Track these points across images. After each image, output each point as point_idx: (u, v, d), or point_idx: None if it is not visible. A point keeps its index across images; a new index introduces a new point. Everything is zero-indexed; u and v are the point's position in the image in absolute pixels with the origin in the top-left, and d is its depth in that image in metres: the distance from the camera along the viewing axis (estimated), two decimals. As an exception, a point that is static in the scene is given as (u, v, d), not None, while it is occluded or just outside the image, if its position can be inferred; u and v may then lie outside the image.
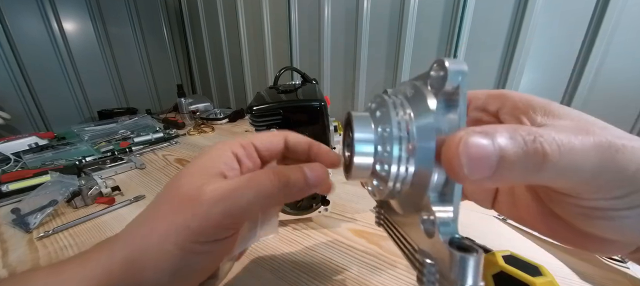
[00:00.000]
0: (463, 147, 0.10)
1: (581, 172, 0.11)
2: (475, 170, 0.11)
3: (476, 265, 0.11)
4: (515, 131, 0.11)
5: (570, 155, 0.11)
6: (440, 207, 0.12)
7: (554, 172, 0.11)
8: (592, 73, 0.55)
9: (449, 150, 0.11)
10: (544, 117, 0.13)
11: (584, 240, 0.15)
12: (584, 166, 0.11)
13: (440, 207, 0.12)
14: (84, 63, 1.07)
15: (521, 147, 0.11)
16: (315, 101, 0.35)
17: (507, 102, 0.15)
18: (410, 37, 0.72)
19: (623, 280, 0.29)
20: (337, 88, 0.92)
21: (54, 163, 0.62)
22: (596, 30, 0.53)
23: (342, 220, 0.41)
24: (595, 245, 0.14)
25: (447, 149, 0.11)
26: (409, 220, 0.14)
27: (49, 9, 0.95)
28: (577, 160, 0.11)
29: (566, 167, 0.11)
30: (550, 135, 0.11)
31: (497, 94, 0.16)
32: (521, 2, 0.58)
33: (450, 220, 0.12)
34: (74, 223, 0.42)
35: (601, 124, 0.12)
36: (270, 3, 0.96)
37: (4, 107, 0.89)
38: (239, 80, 1.19)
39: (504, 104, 0.15)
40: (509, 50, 0.62)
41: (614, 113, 0.56)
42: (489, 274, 0.26)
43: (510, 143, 0.11)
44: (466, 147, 0.10)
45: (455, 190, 0.12)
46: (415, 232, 0.14)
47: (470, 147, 0.10)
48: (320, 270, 0.32)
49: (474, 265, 0.10)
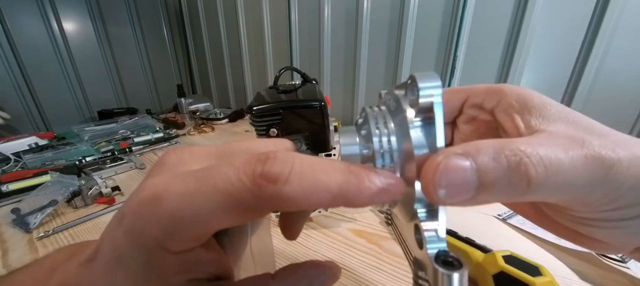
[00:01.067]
0: (440, 172, 0.10)
1: (571, 188, 0.11)
2: (454, 195, 0.10)
3: (460, 282, 0.10)
4: (499, 152, 0.10)
5: (558, 175, 0.10)
6: (428, 221, 0.12)
7: (540, 193, 0.11)
8: (592, 73, 0.55)
9: (426, 176, 0.10)
10: (538, 120, 0.13)
11: (582, 239, 0.14)
12: (574, 182, 0.10)
13: (428, 221, 0.12)
14: (84, 63, 1.07)
15: (504, 170, 0.10)
16: (315, 101, 0.35)
17: (503, 100, 0.14)
18: (410, 37, 0.72)
19: (623, 280, 0.29)
20: (337, 88, 0.92)
21: (54, 163, 0.62)
22: (596, 30, 0.53)
23: (342, 220, 0.41)
24: (592, 245, 0.14)
25: (424, 174, 0.11)
26: (407, 228, 0.14)
27: (49, 9, 0.95)
28: (567, 178, 0.10)
29: (553, 186, 0.10)
30: (538, 154, 0.10)
31: (496, 90, 0.15)
32: (521, 2, 0.58)
33: (436, 236, 0.12)
34: (74, 223, 0.42)
35: (599, 130, 0.12)
36: (270, 3, 0.96)
37: (4, 107, 0.89)
38: (239, 80, 1.19)
39: (500, 102, 0.15)
40: (509, 50, 0.62)
41: (614, 113, 0.56)
42: (489, 274, 0.26)
43: (491, 166, 0.10)
44: (445, 171, 0.10)
45: (439, 208, 0.12)
46: (411, 240, 0.14)
47: (449, 171, 0.10)
48: (320, 270, 0.32)
49: (458, 282, 0.10)
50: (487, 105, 0.15)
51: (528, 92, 0.14)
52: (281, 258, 0.34)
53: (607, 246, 0.14)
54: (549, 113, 0.13)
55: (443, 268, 0.10)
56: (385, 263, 0.33)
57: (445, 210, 0.12)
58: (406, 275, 0.31)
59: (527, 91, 0.14)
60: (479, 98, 0.16)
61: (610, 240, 0.13)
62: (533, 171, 0.10)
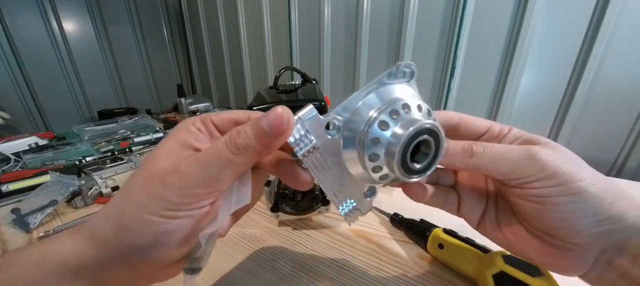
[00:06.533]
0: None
1: (505, 162, 0.18)
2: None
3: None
4: (458, 143, 0.20)
5: (492, 148, 0.18)
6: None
7: (479, 161, 0.18)
8: (592, 73, 0.55)
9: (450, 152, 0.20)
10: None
11: (553, 253, 0.18)
12: (508, 158, 0.18)
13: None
14: (84, 63, 1.07)
15: (460, 146, 0.19)
16: (315, 101, 0.35)
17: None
18: (411, 37, 0.72)
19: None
20: (337, 88, 0.92)
21: (54, 163, 0.62)
22: (596, 30, 0.53)
23: (342, 220, 0.40)
24: (562, 258, 0.18)
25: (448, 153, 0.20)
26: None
27: (49, 9, 0.95)
28: (499, 155, 0.18)
29: (490, 156, 0.18)
30: (482, 144, 0.19)
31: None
32: (521, 2, 0.58)
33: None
34: (74, 223, 0.42)
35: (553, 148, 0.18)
36: (270, 3, 0.96)
37: (4, 107, 0.89)
38: (239, 80, 1.19)
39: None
40: (509, 50, 0.62)
41: (613, 114, 0.56)
42: (489, 274, 0.26)
43: (452, 145, 0.19)
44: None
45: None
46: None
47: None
48: (320, 270, 0.32)
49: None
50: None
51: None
52: (282, 258, 0.34)
53: (573, 256, 0.18)
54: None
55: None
56: (385, 263, 0.33)
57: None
58: (406, 275, 0.31)
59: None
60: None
61: (567, 226, 0.17)
62: (475, 148, 0.19)
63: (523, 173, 0.17)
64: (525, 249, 0.20)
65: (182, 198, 0.16)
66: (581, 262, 0.18)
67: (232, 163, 0.16)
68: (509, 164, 0.18)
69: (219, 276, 0.32)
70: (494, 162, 0.18)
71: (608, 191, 0.16)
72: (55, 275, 0.16)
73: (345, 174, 0.19)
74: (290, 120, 0.16)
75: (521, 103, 0.64)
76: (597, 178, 0.17)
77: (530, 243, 0.19)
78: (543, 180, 0.17)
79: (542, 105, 0.63)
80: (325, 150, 0.18)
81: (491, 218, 0.22)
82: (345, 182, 0.20)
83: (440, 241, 0.31)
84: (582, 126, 0.59)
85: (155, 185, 0.16)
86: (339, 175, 0.19)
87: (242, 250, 0.35)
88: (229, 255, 0.35)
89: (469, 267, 0.29)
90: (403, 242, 0.36)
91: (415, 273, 0.31)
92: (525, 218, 0.20)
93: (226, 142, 0.16)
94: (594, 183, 0.16)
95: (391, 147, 0.17)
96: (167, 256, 0.17)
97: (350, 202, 0.21)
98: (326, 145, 0.18)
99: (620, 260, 0.17)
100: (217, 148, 0.16)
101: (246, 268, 0.33)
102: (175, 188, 0.16)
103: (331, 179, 0.19)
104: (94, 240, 0.16)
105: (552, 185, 0.17)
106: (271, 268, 0.33)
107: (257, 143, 0.16)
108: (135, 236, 0.16)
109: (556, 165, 0.17)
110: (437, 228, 0.33)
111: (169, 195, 0.16)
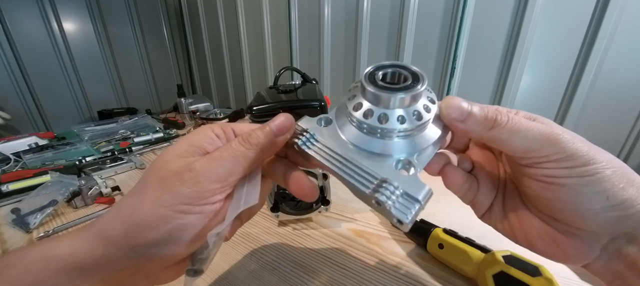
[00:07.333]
0: (449, 100, 0.19)
1: (523, 139, 0.17)
2: (453, 112, 0.18)
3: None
4: (484, 106, 0.18)
5: (516, 124, 0.17)
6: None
7: (501, 133, 0.17)
8: (592, 73, 0.55)
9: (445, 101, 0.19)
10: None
11: (558, 240, 0.18)
12: (527, 136, 0.17)
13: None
14: (84, 63, 1.07)
15: (485, 112, 0.18)
16: (315, 101, 0.35)
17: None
18: (411, 37, 0.72)
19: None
20: (337, 88, 0.93)
21: (54, 163, 0.62)
22: (596, 30, 0.53)
23: (342, 220, 0.41)
24: (567, 246, 0.17)
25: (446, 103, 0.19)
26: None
27: (49, 9, 0.95)
28: (521, 129, 0.17)
29: (511, 131, 0.17)
30: (507, 114, 0.18)
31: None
32: (521, 2, 0.58)
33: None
34: (74, 223, 0.42)
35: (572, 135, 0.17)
36: (270, 3, 0.96)
37: (4, 107, 0.89)
38: (239, 80, 1.19)
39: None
40: (509, 50, 0.62)
41: (613, 113, 0.56)
42: (489, 274, 0.26)
43: (477, 108, 0.18)
44: (450, 99, 0.19)
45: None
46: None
47: (453, 99, 0.18)
48: (320, 270, 0.32)
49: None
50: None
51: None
52: (282, 258, 0.34)
53: (580, 244, 0.17)
54: None
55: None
56: (385, 263, 0.33)
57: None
58: (406, 275, 0.31)
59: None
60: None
61: (575, 209, 0.16)
62: (499, 117, 0.17)
63: (542, 153, 0.17)
64: (529, 236, 0.19)
65: (197, 193, 0.17)
66: (587, 250, 0.17)
67: (245, 156, 0.19)
68: (528, 142, 0.17)
69: (219, 276, 0.32)
70: (512, 136, 0.17)
71: (623, 175, 0.16)
72: (59, 274, 0.16)
73: (355, 154, 0.19)
74: (292, 122, 0.21)
75: (521, 104, 0.64)
76: (613, 161, 0.16)
77: (535, 229, 0.19)
78: (558, 161, 0.16)
79: (542, 105, 0.63)
80: (325, 137, 0.20)
81: (498, 205, 0.22)
82: (366, 165, 0.18)
83: (440, 241, 0.31)
84: (582, 126, 0.59)
85: (172, 181, 0.17)
86: (350, 156, 0.19)
87: (242, 250, 0.35)
88: (229, 255, 0.35)
89: (469, 267, 0.29)
90: (403, 242, 0.36)
91: (415, 273, 0.31)
92: (533, 201, 0.19)
93: (239, 141, 0.19)
94: (609, 165, 0.16)
95: (361, 83, 0.21)
96: (176, 254, 0.18)
97: (393, 187, 0.17)
98: (323, 133, 0.21)
99: (630, 248, 0.16)
100: (231, 146, 0.19)
101: (246, 268, 0.33)
102: (192, 183, 0.17)
103: (342, 164, 0.18)
104: (102, 239, 0.17)
105: (566, 166, 0.16)
106: (271, 268, 0.33)
107: (266, 141, 0.19)
108: (149, 232, 0.17)
109: (575, 147, 0.16)
110: (437, 228, 0.33)
111: (185, 190, 0.17)
